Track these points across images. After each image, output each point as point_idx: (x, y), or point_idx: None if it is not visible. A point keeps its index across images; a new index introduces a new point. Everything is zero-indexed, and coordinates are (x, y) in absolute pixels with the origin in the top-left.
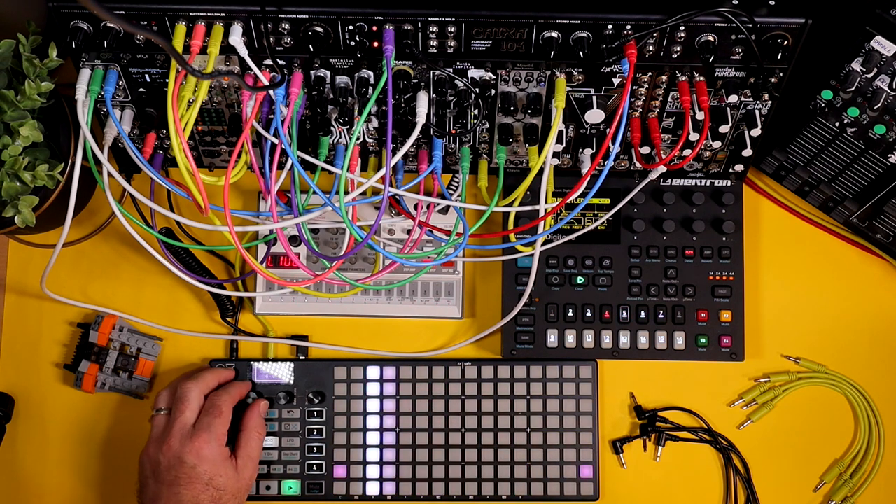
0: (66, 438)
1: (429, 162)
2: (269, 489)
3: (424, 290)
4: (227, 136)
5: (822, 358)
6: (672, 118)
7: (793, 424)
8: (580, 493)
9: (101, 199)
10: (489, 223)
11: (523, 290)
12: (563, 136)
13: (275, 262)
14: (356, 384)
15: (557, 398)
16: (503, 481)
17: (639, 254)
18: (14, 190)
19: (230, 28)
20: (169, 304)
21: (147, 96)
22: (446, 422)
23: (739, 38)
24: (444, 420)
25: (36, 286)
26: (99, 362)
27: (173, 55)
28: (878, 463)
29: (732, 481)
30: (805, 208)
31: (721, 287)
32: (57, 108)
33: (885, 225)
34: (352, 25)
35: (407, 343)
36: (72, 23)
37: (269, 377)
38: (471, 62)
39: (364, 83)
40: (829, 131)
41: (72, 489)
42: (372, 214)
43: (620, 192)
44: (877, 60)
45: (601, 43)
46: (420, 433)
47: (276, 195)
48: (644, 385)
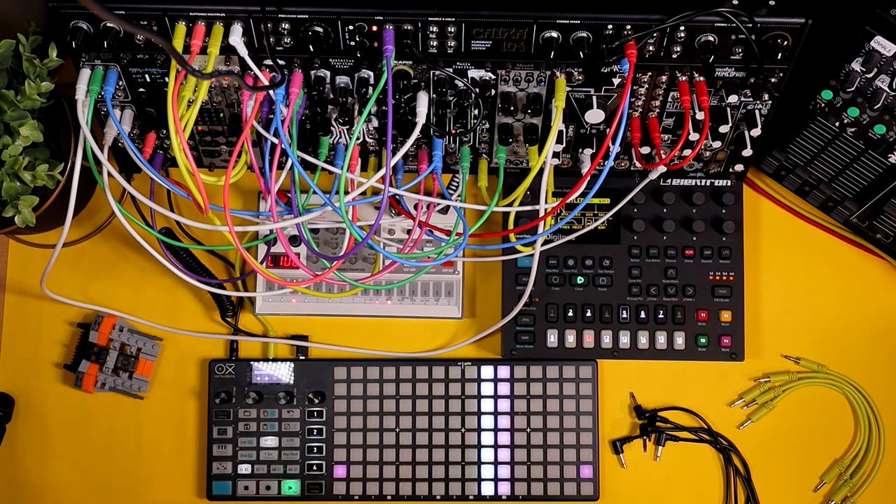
0: (66, 438)
1: (429, 162)
2: (269, 489)
3: (424, 290)
4: (227, 136)
5: (822, 358)
6: (672, 118)
7: (793, 424)
8: (580, 493)
9: (101, 199)
10: (489, 223)
11: (523, 290)
12: (563, 136)
13: (275, 262)
14: (356, 384)
15: (557, 398)
16: (503, 481)
17: (639, 254)
18: (14, 190)
19: (230, 28)
20: (169, 304)
21: (147, 96)
22: (446, 422)
23: (739, 38)
24: (444, 420)
25: (36, 286)
26: (99, 362)
27: (173, 55)
28: (878, 463)
29: (732, 481)
30: (805, 208)
31: (721, 287)
32: (57, 108)
33: (885, 225)
34: (352, 25)
35: (407, 343)
36: (72, 23)
37: (269, 377)
38: (471, 62)
39: (364, 83)
40: (829, 131)
41: (72, 489)
42: (372, 214)
43: (620, 192)
44: (877, 60)
45: (601, 43)
46: (420, 433)
47: (276, 195)
48: (644, 385)
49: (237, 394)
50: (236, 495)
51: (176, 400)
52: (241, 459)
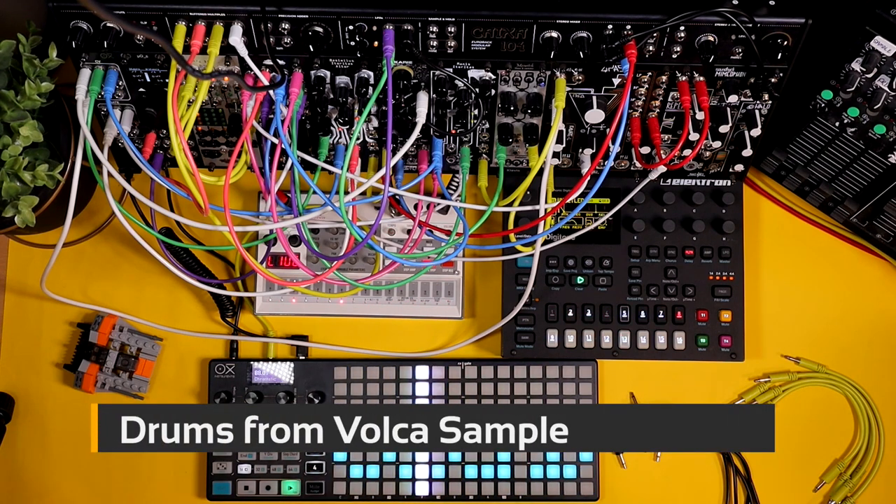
0: (66, 438)
1: (429, 162)
2: (269, 489)
3: (424, 290)
4: (227, 136)
5: (822, 358)
6: (672, 118)
7: (793, 424)
8: (580, 493)
9: (101, 199)
10: (489, 223)
11: (523, 290)
12: (563, 136)
13: (275, 262)
14: (356, 384)
15: (557, 398)
16: (503, 481)
17: (639, 254)
18: (14, 190)
19: (230, 28)
20: (169, 304)
21: (147, 96)
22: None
23: (739, 38)
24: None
25: (36, 286)
26: (99, 362)
27: (173, 55)
28: (878, 463)
29: (732, 481)
30: (805, 208)
31: (721, 287)
32: (57, 108)
33: (885, 225)
34: (352, 25)
35: (407, 343)
36: (72, 23)
37: (269, 377)
38: (471, 62)
39: (364, 83)
40: (829, 131)
41: (72, 489)
42: (372, 214)
43: (620, 192)
44: (877, 60)
45: (601, 43)
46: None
47: (276, 195)
48: (644, 385)
49: (237, 394)
50: (236, 495)
51: (176, 400)
52: (241, 459)
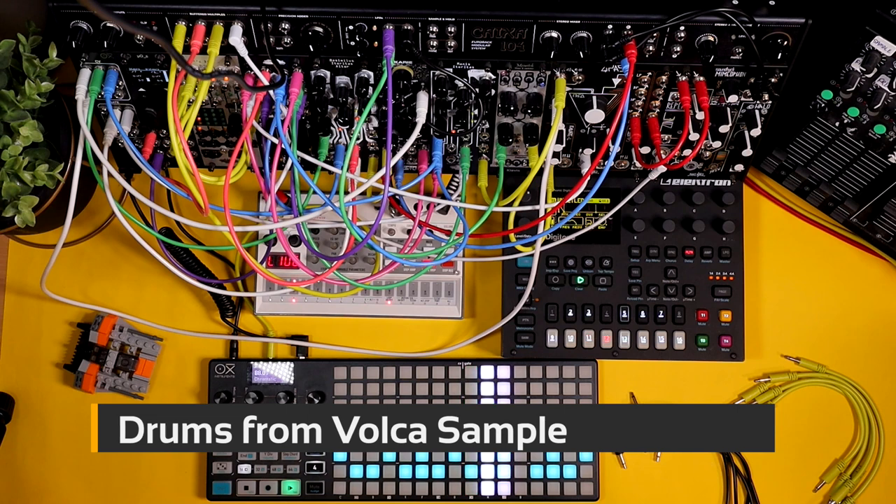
0: (65, 438)
1: (429, 162)
2: (269, 489)
3: (424, 290)
4: (227, 136)
5: (822, 358)
6: (672, 118)
7: (793, 424)
8: (580, 493)
9: (101, 199)
10: (489, 223)
11: (523, 290)
12: (563, 136)
13: (275, 262)
14: (356, 384)
15: (557, 398)
16: (503, 481)
17: (639, 254)
18: (14, 190)
19: (230, 28)
20: (169, 304)
21: (147, 96)
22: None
23: (739, 38)
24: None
25: (36, 286)
26: (99, 362)
27: (173, 55)
28: (878, 463)
29: (732, 481)
30: (805, 208)
31: (721, 287)
32: (57, 108)
33: (885, 225)
34: (352, 25)
35: (407, 343)
36: (72, 23)
37: (269, 377)
38: (471, 62)
39: (364, 83)
40: (829, 131)
41: (72, 489)
42: (372, 214)
43: (620, 192)
44: (877, 60)
45: (601, 43)
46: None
47: (276, 195)
48: (644, 385)
49: (237, 394)
50: (236, 495)
51: (176, 400)
52: (241, 459)
